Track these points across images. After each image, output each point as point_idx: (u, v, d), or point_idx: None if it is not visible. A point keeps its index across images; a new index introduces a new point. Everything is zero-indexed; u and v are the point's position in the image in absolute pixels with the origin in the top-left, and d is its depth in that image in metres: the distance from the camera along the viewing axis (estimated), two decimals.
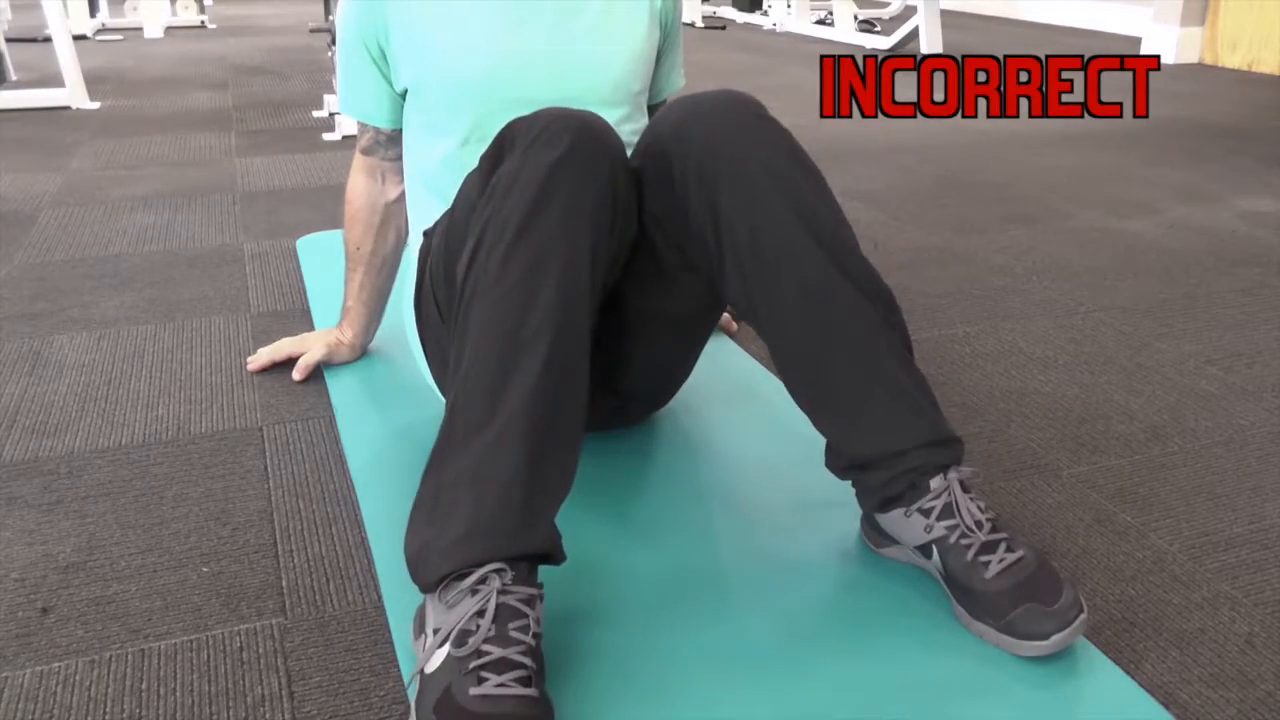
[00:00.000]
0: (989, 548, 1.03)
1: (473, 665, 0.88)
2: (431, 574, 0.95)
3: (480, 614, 0.91)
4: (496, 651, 0.89)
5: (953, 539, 1.04)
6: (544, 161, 1.00)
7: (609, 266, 1.11)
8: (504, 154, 1.05)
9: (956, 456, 1.09)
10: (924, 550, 1.08)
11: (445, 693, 0.88)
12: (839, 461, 1.14)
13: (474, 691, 0.87)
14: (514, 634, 0.91)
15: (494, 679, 0.87)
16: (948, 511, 1.05)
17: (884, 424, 1.07)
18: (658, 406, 1.46)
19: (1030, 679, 0.99)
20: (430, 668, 0.91)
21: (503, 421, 0.96)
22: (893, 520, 1.10)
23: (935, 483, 1.06)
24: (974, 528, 1.04)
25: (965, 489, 1.07)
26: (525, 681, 0.88)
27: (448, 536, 0.94)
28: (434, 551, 0.95)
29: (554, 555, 0.99)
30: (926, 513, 1.06)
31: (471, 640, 0.89)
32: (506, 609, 0.91)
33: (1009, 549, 1.03)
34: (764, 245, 1.07)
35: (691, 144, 1.09)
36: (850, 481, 1.14)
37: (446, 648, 0.90)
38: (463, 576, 0.93)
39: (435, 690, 0.88)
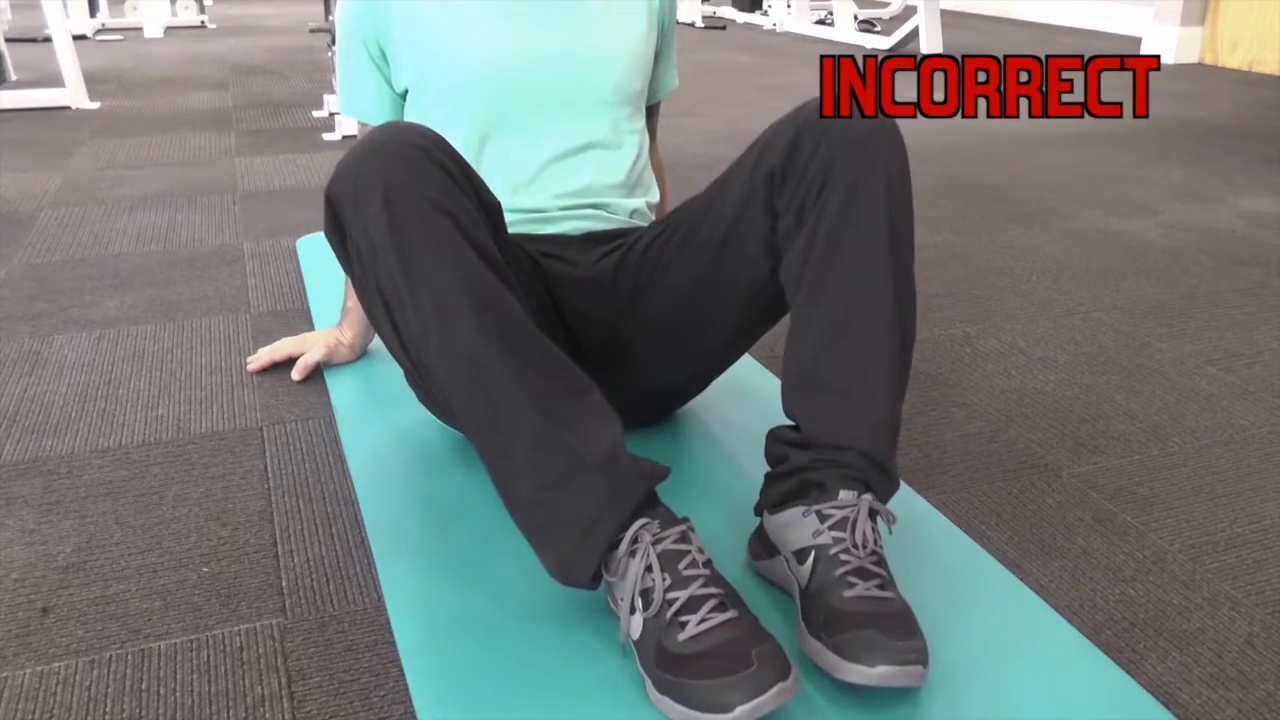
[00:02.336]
0: (863, 574, 0.99)
1: (669, 617, 0.93)
2: (584, 577, 0.99)
3: (649, 570, 0.95)
4: (681, 595, 0.93)
5: (833, 551, 1.01)
6: (376, 209, 1.01)
7: (492, 220, 1.12)
8: (340, 224, 1.07)
9: (884, 492, 1.07)
10: (800, 555, 1.04)
11: (659, 648, 0.93)
12: (788, 435, 1.11)
13: (682, 637, 0.91)
14: (686, 572, 0.94)
15: (693, 619, 0.92)
16: (842, 525, 1.02)
17: (848, 421, 1.07)
18: (660, 418, 1.46)
19: (1030, 679, 0.99)
20: (635, 634, 0.96)
21: (521, 432, 0.98)
22: (785, 520, 1.07)
23: (845, 495, 1.04)
24: (858, 546, 1.01)
25: (871, 519, 1.04)
26: (721, 607, 0.93)
27: (568, 546, 0.98)
28: (570, 563, 0.99)
29: (657, 476, 1.01)
30: (823, 518, 1.03)
31: (654, 596, 0.94)
32: (669, 554, 0.95)
33: (880, 588, 0.99)
34: (845, 227, 1.08)
35: (834, 123, 1.12)
36: (765, 473, 1.13)
37: (639, 614, 0.95)
38: (614, 547, 0.97)
39: (650, 650, 0.94)
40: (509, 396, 0.99)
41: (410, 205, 1.01)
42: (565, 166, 1.32)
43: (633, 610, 0.95)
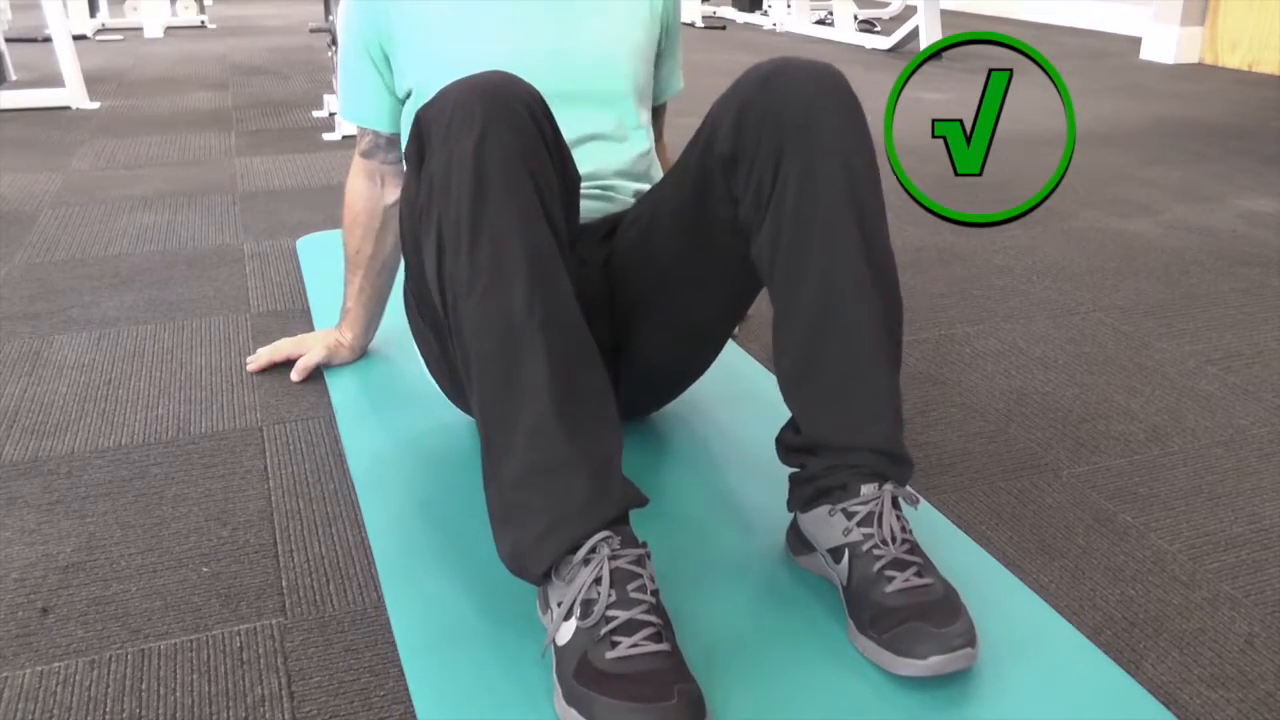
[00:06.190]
0: (899, 565, 1.01)
1: (603, 632, 0.91)
2: (535, 570, 0.97)
3: (598, 581, 0.93)
4: (622, 615, 0.92)
5: (866, 546, 1.02)
6: (467, 147, 0.99)
7: (568, 196, 1.10)
8: (424, 147, 1.05)
9: (901, 476, 1.07)
10: (835, 554, 1.06)
11: (583, 659, 0.91)
12: (794, 440, 1.12)
13: (610, 655, 0.90)
14: (634, 595, 0.93)
15: (626, 641, 0.90)
16: (869, 520, 1.04)
17: (850, 415, 1.07)
18: (662, 404, 1.46)
19: (1031, 679, 0.99)
20: (562, 640, 0.94)
21: (532, 409, 0.96)
22: (815, 519, 1.09)
23: (867, 489, 1.05)
24: (889, 540, 1.02)
25: (896, 506, 1.05)
26: (656, 638, 0.91)
27: (533, 534, 0.96)
28: (527, 551, 0.97)
29: (637, 501, 1.00)
30: (849, 515, 1.05)
31: (595, 609, 0.92)
32: (621, 573, 0.94)
33: (919, 574, 1.01)
34: (809, 209, 1.07)
35: (776, 92, 1.08)
36: (789, 473, 1.14)
37: (573, 621, 0.93)
38: (572, 551, 0.95)
39: (572, 659, 0.92)
40: (532, 369, 0.97)
41: (501, 154, 1.00)
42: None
43: (568, 616, 0.93)
